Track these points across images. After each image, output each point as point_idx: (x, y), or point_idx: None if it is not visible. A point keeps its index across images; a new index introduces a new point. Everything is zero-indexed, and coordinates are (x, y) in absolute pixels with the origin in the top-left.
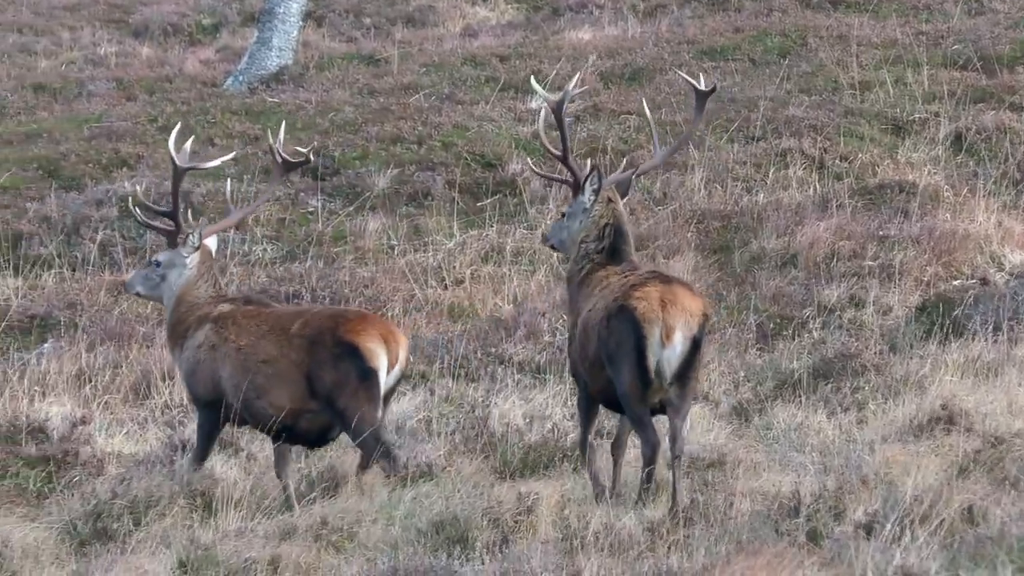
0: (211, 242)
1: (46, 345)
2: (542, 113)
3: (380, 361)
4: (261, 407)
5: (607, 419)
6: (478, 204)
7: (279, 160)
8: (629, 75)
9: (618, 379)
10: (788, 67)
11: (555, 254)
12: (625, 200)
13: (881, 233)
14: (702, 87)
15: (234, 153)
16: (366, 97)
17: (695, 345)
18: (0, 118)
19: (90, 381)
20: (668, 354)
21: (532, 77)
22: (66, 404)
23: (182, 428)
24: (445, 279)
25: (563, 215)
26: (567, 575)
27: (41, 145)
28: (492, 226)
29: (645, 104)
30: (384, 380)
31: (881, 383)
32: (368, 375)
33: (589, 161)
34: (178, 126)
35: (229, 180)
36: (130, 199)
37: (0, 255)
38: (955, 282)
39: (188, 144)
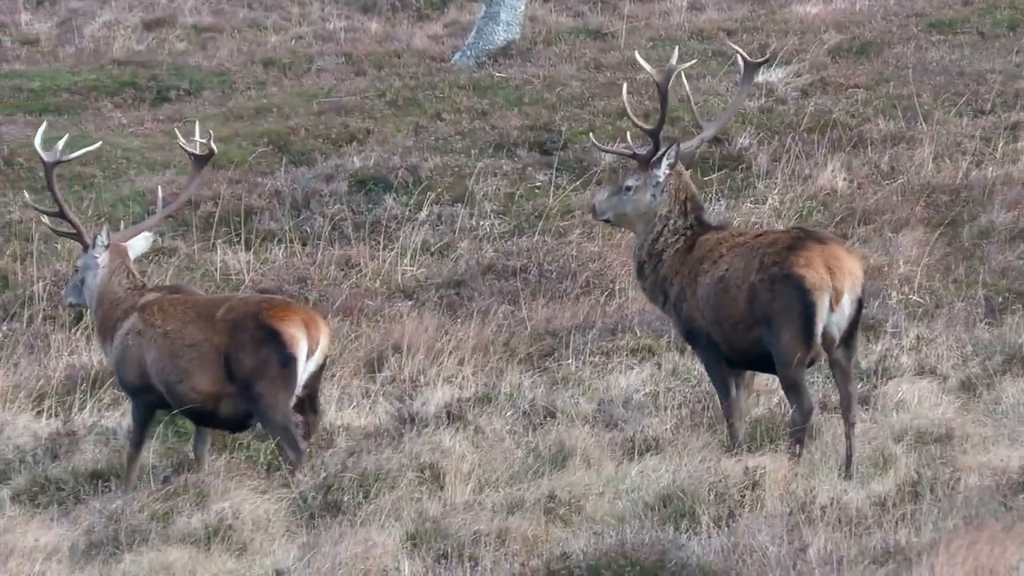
0: (138, 244)
1: None
2: (624, 88)
3: (300, 348)
4: (183, 391)
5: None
6: (705, 178)
7: (192, 156)
8: (857, 49)
9: (776, 342)
10: (1018, 39)
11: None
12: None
13: None
14: (751, 60)
15: (99, 143)
16: (593, 71)
17: (859, 306)
18: (230, 93)
19: None
20: (836, 318)
21: (637, 52)
22: None
23: (411, 402)
24: None
25: (626, 188)
26: (794, 549)
27: (271, 120)
28: (720, 200)
29: (684, 80)
30: (303, 367)
31: None
32: (287, 362)
33: (658, 136)
34: (44, 125)
35: (159, 186)
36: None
37: (231, 229)
38: None
39: (62, 142)
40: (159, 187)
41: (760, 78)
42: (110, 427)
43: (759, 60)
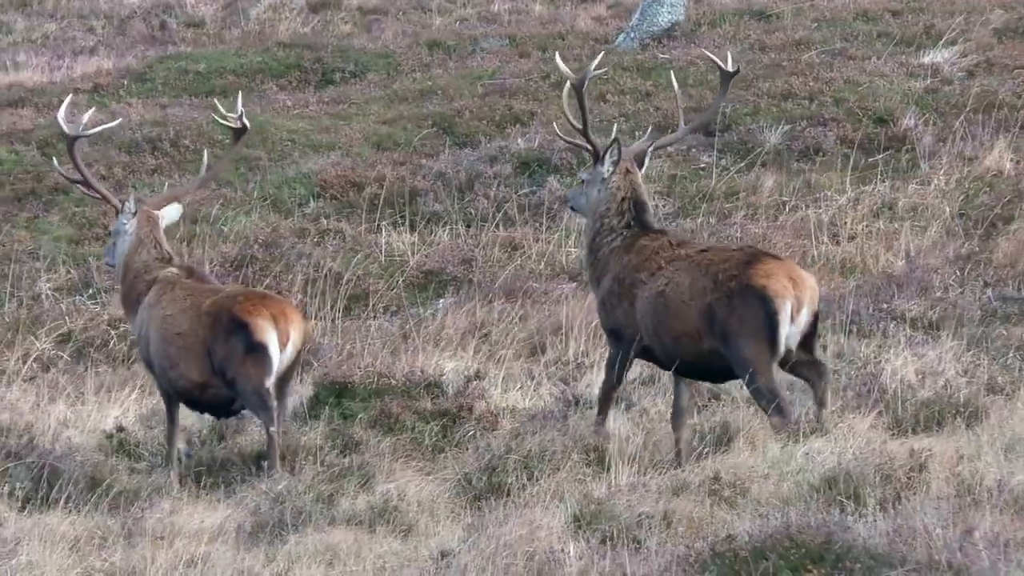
0: (170, 212)
1: (441, 301)
2: (566, 87)
3: (268, 336)
4: (174, 376)
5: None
6: (870, 159)
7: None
8: None
9: (739, 355)
10: None
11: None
12: (642, 171)
13: None
14: (728, 68)
15: (118, 120)
16: (757, 53)
17: (815, 319)
18: (395, 76)
19: (485, 336)
20: (795, 329)
21: (557, 54)
22: (461, 359)
23: (575, 383)
24: (838, 235)
25: (582, 181)
26: (960, 532)
27: (435, 102)
28: (884, 181)
29: (674, 77)
30: (276, 354)
31: None
32: (254, 348)
33: (614, 131)
34: (69, 96)
35: (206, 151)
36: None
37: (396, 211)
38: None
39: (87, 116)
40: (205, 155)
41: (926, 59)
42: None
43: (734, 71)
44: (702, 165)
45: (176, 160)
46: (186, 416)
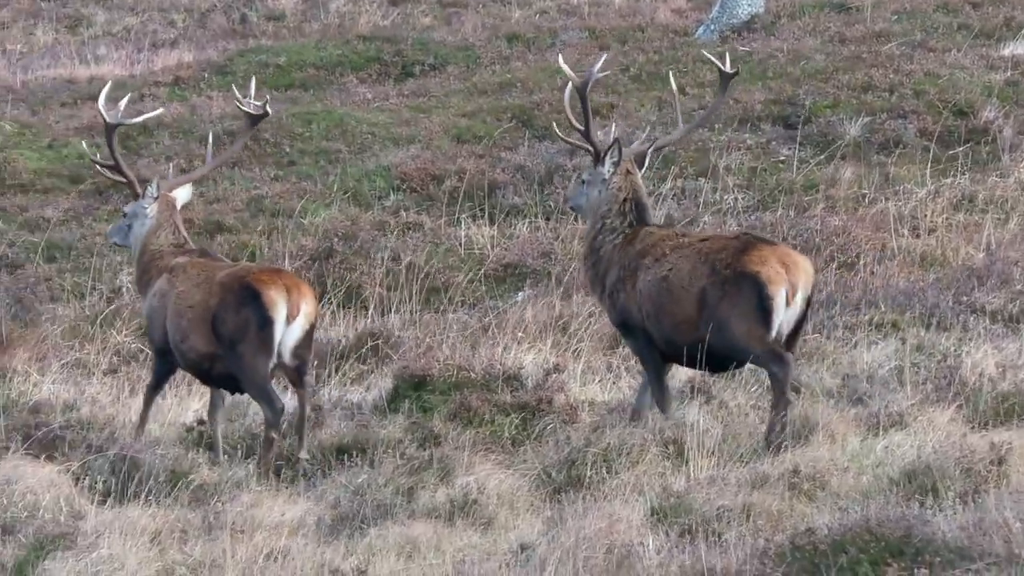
0: (182, 193)
1: (521, 293)
2: (568, 88)
3: (278, 311)
4: (186, 349)
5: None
6: (950, 152)
7: (246, 114)
8: None
9: (729, 338)
10: None
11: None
12: (643, 172)
13: None
14: (727, 69)
15: (160, 110)
16: (837, 45)
17: (808, 305)
18: (475, 68)
19: (564, 329)
20: (788, 315)
21: (560, 56)
22: (540, 352)
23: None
24: (918, 228)
25: (583, 181)
26: None
27: (515, 95)
28: (964, 174)
29: (673, 79)
30: (281, 330)
31: None
32: (265, 324)
33: (612, 134)
34: (108, 84)
35: (211, 132)
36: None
37: (475, 204)
38: None
39: (123, 102)
40: (210, 135)
41: (1006, 51)
42: (355, 401)
43: (733, 72)
44: (782, 158)
45: (256, 153)
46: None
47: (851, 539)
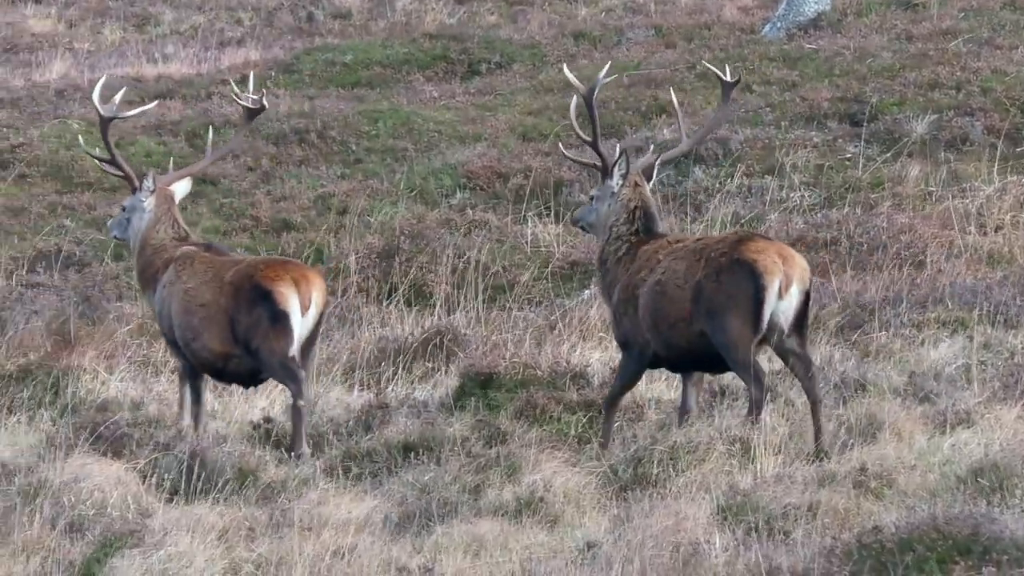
0: (180, 187)
1: (587, 291)
2: (574, 100)
3: (291, 304)
4: (197, 348)
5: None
6: (1017, 149)
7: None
8: None
9: (721, 330)
10: None
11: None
12: (650, 184)
13: None
14: (727, 78)
15: (154, 103)
16: (903, 43)
17: (807, 298)
18: (541, 66)
19: None
20: (784, 305)
21: (565, 66)
22: (606, 350)
23: (719, 376)
24: (985, 225)
25: (591, 198)
26: None
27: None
28: None
29: (673, 94)
30: (297, 321)
31: None
32: (278, 318)
33: (618, 147)
34: (103, 78)
35: (211, 127)
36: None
37: (542, 202)
38: None
39: (119, 96)
40: (209, 130)
41: None
42: (421, 399)
43: (734, 80)
44: (848, 155)
45: (323, 152)
46: (333, 406)
47: (918, 537)
